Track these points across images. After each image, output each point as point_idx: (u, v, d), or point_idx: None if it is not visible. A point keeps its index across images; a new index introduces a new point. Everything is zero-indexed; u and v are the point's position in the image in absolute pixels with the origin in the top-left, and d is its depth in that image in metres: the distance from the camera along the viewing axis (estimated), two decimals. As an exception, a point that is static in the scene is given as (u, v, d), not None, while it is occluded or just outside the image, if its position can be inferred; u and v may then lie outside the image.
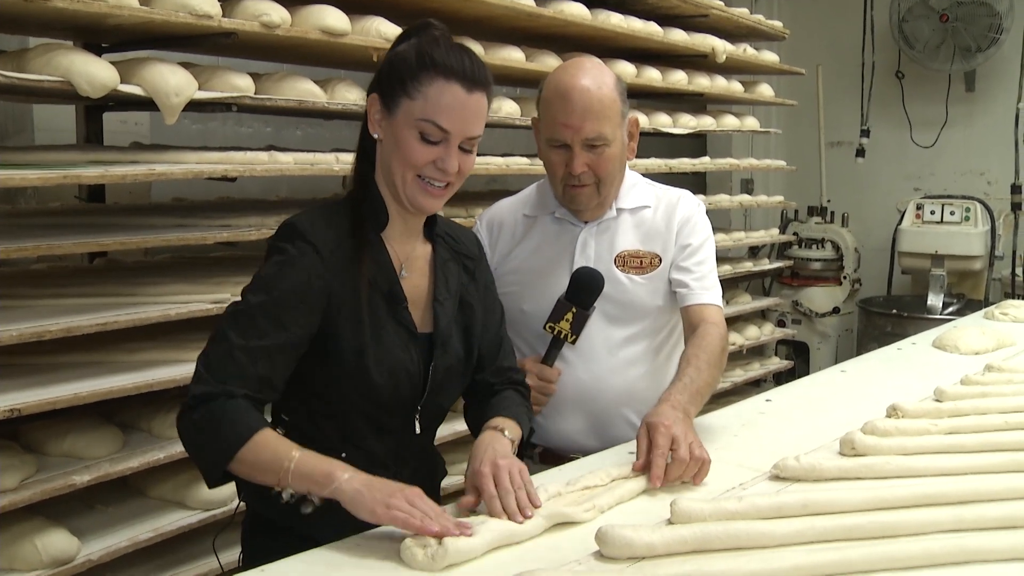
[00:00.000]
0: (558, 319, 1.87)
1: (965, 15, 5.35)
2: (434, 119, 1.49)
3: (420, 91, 1.49)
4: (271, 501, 1.43)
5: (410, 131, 1.50)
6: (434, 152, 1.51)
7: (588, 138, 1.86)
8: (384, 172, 1.57)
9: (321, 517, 1.43)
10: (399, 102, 1.51)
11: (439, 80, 1.49)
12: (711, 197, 4.36)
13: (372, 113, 1.55)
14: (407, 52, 1.52)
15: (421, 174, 1.52)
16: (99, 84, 2.14)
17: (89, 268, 2.83)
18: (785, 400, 2.24)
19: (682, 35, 3.95)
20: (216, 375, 1.44)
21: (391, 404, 1.57)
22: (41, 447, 2.27)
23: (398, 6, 2.86)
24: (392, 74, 1.52)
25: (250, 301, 1.49)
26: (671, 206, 2.02)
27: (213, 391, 1.42)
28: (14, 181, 2.01)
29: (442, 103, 1.49)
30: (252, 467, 1.42)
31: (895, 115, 5.88)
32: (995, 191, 5.57)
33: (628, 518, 1.44)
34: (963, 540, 1.33)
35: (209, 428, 1.42)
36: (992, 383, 2.17)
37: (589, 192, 1.91)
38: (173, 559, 2.41)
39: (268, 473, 1.41)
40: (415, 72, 1.50)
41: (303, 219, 1.54)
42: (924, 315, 4.94)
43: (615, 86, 1.89)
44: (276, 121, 4.01)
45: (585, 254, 1.97)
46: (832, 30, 5.98)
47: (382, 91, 1.53)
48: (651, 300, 1.98)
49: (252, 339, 1.45)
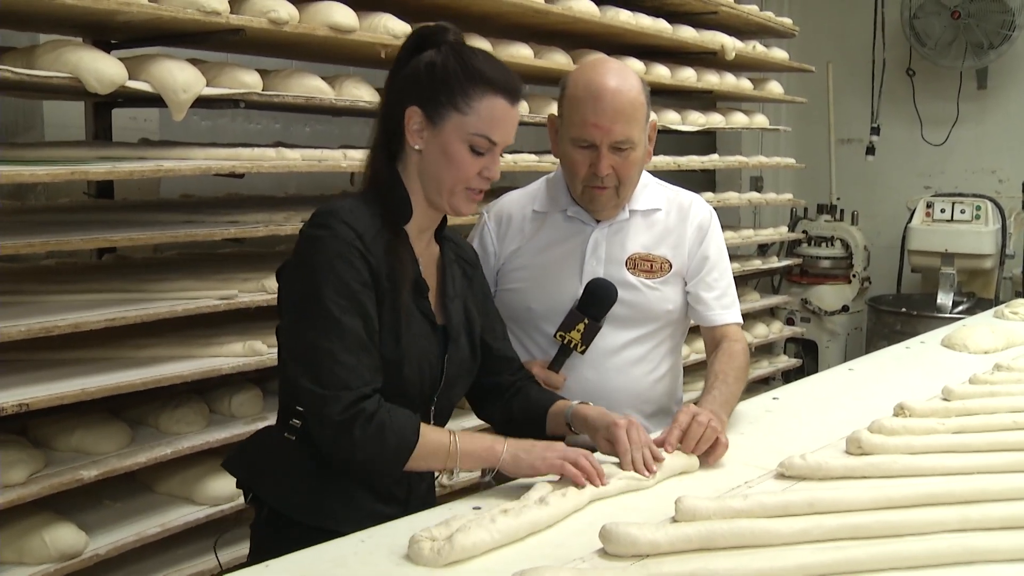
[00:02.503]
0: (569, 329, 1.87)
1: (977, 11, 5.32)
2: (486, 133, 1.54)
3: (471, 106, 1.53)
4: (290, 497, 1.51)
5: (461, 145, 1.54)
6: (482, 162, 1.56)
7: (616, 140, 1.84)
8: (425, 179, 1.58)
9: (339, 511, 1.51)
10: (446, 116, 1.53)
11: (488, 95, 1.54)
12: (720, 195, 4.35)
13: (411, 124, 1.55)
14: (449, 63, 1.53)
15: (469, 185, 1.57)
16: (107, 80, 2.14)
17: (97, 264, 2.84)
18: (792, 398, 2.23)
19: (691, 32, 3.94)
20: (336, 386, 1.45)
21: (416, 392, 1.60)
22: (49, 442, 2.29)
23: (406, 2, 2.86)
24: (436, 87, 1.53)
25: (320, 301, 1.47)
26: (683, 210, 2.02)
27: (349, 403, 1.44)
28: (23, 177, 2.02)
29: (494, 117, 1.54)
30: (420, 461, 1.50)
31: (906, 112, 5.86)
32: (1006, 189, 5.54)
33: (632, 515, 1.44)
34: (969, 540, 1.32)
35: (376, 442, 1.46)
36: (1001, 382, 2.15)
37: (609, 194, 1.91)
38: (180, 554, 2.41)
39: (436, 461, 1.52)
40: (465, 87, 1.53)
41: (341, 207, 1.54)
42: (934, 314, 4.92)
43: (642, 89, 1.89)
44: (285, 117, 4.02)
45: (596, 255, 1.97)
46: (842, 27, 5.95)
47: (423, 103, 1.54)
48: (660, 304, 1.98)
49: (345, 337, 1.46)
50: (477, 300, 1.76)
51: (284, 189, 3.75)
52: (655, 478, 1.59)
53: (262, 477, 1.62)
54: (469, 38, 3.01)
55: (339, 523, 1.48)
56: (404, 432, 1.48)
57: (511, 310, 1.99)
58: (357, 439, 1.45)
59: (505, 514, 1.38)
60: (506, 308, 1.99)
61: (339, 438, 1.46)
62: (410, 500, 1.62)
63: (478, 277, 1.80)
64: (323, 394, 1.45)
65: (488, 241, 2.03)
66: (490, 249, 2.03)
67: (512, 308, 1.99)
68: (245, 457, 1.70)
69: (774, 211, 6.00)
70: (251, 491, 1.64)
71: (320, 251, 1.50)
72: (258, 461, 1.65)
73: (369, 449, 1.46)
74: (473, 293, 1.75)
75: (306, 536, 1.42)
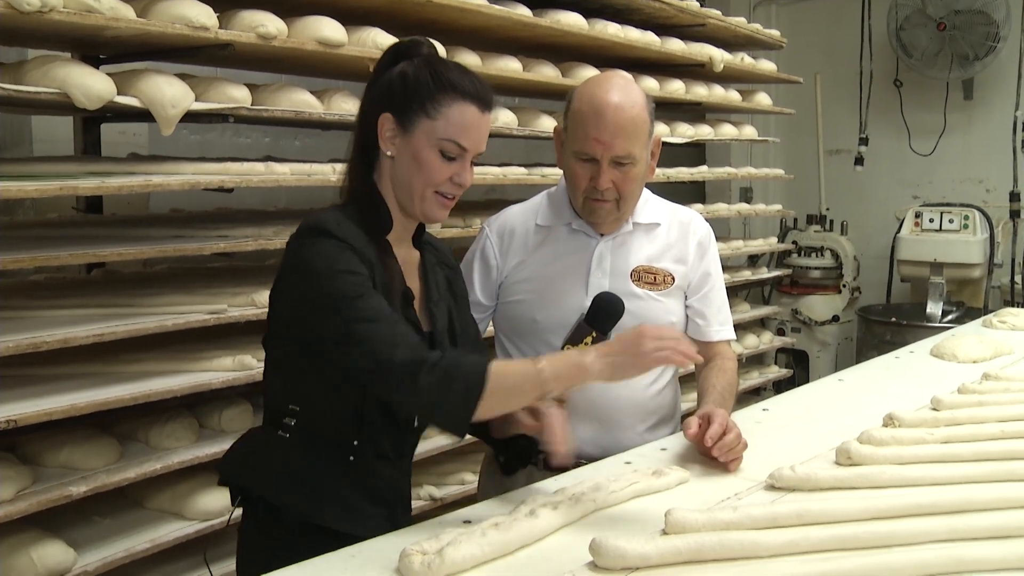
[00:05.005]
0: (577, 342, 1.87)
1: (962, 23, 5.36)
2: (455, 138, 1.57)
3: (440, 112, 1.56)
4: (287, 491, 1.53)
5: (431, 150, 1.57)
6: (452, 168, 1.59)
7: (617, 155, 1.86)
8: (396, 185, 1.62)
9: (336, 510, 1.54)
10: (416, 121, 1.56)
11: (458, 101, 1.57)
12: (710, 206, 4.37)
13: (384, 131, 1.59)
14: (421, 73, 1.57)
15: (439, 189, 1.59)
16: (95, 96, 2.14)
17: (86, 279, 2.83)
18: (782, 409, 2.24)
19: (679, 44, 3.96)
20: (391, 345, 1.44)
21: None
22: (38, 458, 2.27)
23: (394, 17, 2.87)
24: (407, 94, 1.57)
25: (338, 293, 1.47)
26: (684, 226, 2.06)
27: (409, 357, 1.43)
28: (11, 192, 2.01)
29: (463, 123, 1.57)
30: (506, 393, 1.46)
31: (893, 123, 5.89)
32: (993, 199, 5.57)
33: (622, 528, 1.43)
34: (957, 550, 1.32)
35: (445, 383, 1.43)
36: (989, 391, 2.16)
37: (609, 208, 1.93)
38: (170, 570, 2.40)
39: (524, 391, 1.47)
40: (434, 93, 1.56)
41: (327, 219, 1.55)
42: (924, 323, 4.93)
43: (646, 105, 1.90)
44: (275, 132, 4.02)
45: (601, 267, 1.98)
46: (830, 39, 5.99)
47: (395, 110, 1.58)
48: (664, 316, 1.99)
49: (381, 311, 1.48)
50: (459, 304, 1.79)
51: (274, 203, 3.74)
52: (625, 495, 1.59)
53: (254, 472, 1.64)
54: (458, 52, 3.03)
55: (336, 520, 1.53)
56: (471, 375, 1.43)
57: (515, 322, 2.00)
58: (422, 386, 1.42)
59: (496, 528, 1.37)
60: (510, 320, 2.00)
61: (403, 387, 1.44)
62: (398, 505, 1.66)
63: (458, 281, 1.82)
64: (380, 358, 1.44)
65: (491, 254, 2.04)
66: (492, 262, 2.04)
67: (517, 320, 2.00)
68: (238, 457, 1.71)
69: (764, 222, 6.02)
70: (244, 492, 1.64)
71: (319, 255, 1.51)
72: (252, 459, 1.67)
73: (439, 396, 1.44)
74: (454, 296, 1.78)
75: (299, 541, 1.42)
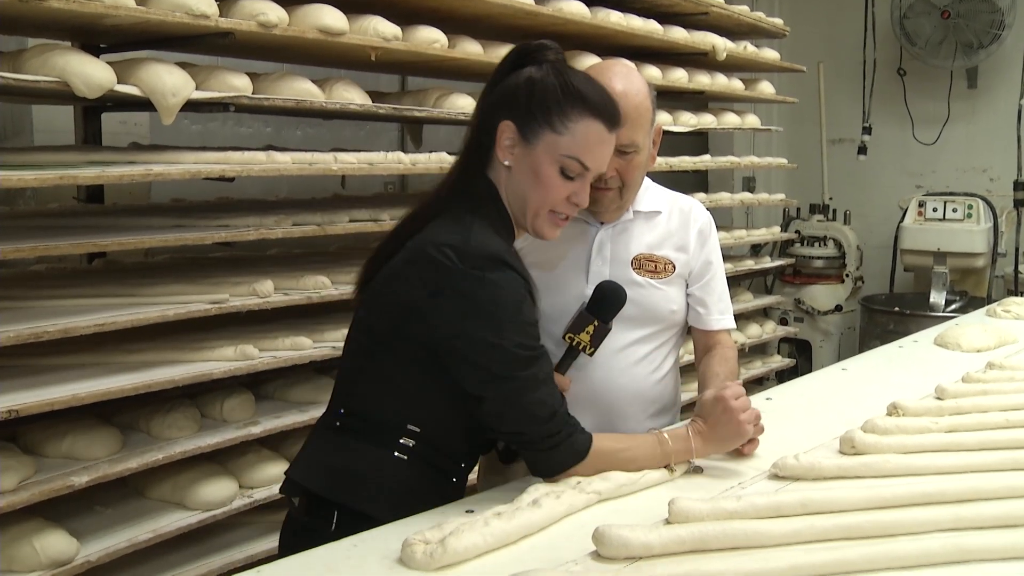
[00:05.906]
0: (578, 331, 1.86)
1: (967, 11, 5.33)
2: (579, 156, 1.51)
3: (568, 126, 1.50)
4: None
5: (551, 166, 1.51)
6: (571, 187, 1.53)
7: (621, 144, 1.83)
8: (511, 196, 1.56)
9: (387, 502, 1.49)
10: (540, 133, 1.50)
11: (586, 117, 1.50)
12: (713, 195, 4.35)
13: (503, 139, 1.52)
14: (549, 81, 1.50)
15: (555, 208, 1.54)
16: (95, 85, 2.13)
17: (88, 269, 2.83)
18: (785, 398, 2.23)
19: (682, 33, 3.94)
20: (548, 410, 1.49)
21: None
22: (40, 448, 2.27)
23: (395, 5, 2.85)
24: (533, 103, 1.50)
25: (519, 353, 1.47)
26: (684, 214, 2.05)
27: (560, 427, 1.51)
28: (11, 182, 2.01)
29: (589, 141, 1.51)
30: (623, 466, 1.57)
31: (897, 112, 5.87)
32: (997, 188, 5.56)
33: (625, 517, 1.43)
34: (962, 539, 1.32)
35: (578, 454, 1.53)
36: (993, 380, 2.16)
37: (612, 196, 1.91)
38: (172, 560, 2.41)
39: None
40: (562, 105, 1.49)
41: (486, 240, 1.49)
42: (927, 313, 4.93)
43: (648, 93, 1.89)
44: (276, 121, 4.01)
45: (602, 255, 1.97)
46: (833, 27, 5.97)
47: (518, 118, 1.51)
48: (665, 304, 1.99)
49: (550, 372, 1.53)
50: None
51: (275, 193, 3.73)
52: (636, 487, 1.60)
53: (361, 489, 1.52)
54: (459, 40, 3.01)
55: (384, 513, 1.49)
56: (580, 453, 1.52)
57: None
58: (556, 459, 1.51)
59: (498, 517, 1.37)
60: None
61: (555, 455, 1.51)
62: None
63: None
64: (540, 426, 1.49)
65: None
66: None
67: None
68: (337, 474, 1.56)
69: (767, 211, 6.01)
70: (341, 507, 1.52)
71: (504, 295, 1.47)
72: (358, 477, 1.54)
73: (558, 466, 1.52)
74: None
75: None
